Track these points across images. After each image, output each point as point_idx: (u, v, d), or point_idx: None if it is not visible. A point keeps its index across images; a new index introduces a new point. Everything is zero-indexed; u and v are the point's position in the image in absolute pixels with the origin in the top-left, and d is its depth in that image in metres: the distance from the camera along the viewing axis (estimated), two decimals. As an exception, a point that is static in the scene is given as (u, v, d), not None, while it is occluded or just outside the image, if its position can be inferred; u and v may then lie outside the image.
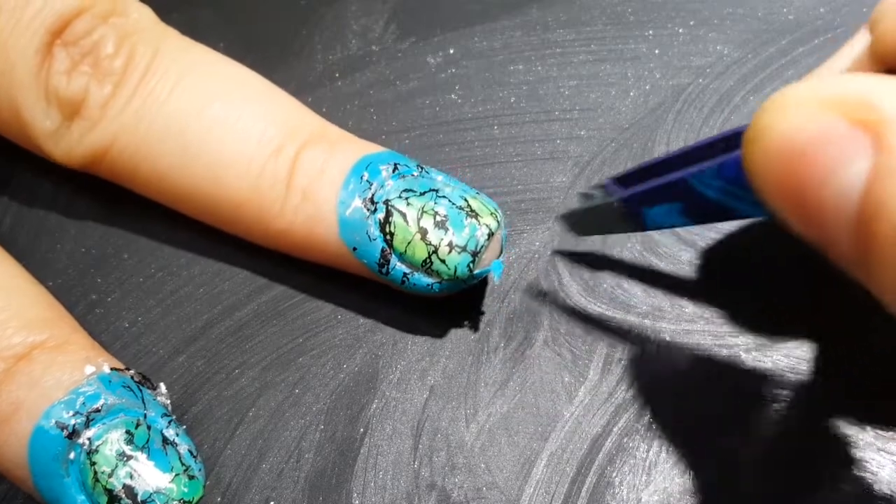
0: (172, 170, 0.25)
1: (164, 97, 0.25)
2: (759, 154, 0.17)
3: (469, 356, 0.26)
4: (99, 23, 0.26)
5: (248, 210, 0.25)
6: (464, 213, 0.24)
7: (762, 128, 0.17)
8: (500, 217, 0.25)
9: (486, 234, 0.24)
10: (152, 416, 0.24)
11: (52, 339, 0.24)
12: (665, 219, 0.22)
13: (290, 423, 0.26)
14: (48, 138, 0.26)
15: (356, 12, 0.32)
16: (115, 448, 0.23)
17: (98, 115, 0.25)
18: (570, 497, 0.24)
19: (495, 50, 0.31)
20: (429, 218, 0.24)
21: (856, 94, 0.16)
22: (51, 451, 0.23)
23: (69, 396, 0.23)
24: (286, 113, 0.26)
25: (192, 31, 0.27)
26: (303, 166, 0.25)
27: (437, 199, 0.24)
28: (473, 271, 0.24)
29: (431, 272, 0.24)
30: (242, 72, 0.27)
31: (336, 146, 0.26)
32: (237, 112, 0.25)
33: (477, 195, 0.25)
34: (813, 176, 0.16)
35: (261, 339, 0.27)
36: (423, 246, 0.24)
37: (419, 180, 0.25)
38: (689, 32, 0.30)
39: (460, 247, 0.24)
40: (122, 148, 0.25)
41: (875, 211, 0.15)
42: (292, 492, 0.25)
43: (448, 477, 0.25)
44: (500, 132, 0.30)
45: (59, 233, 0.29)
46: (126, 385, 0.24)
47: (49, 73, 0.25)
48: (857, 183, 0.16)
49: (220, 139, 0.25)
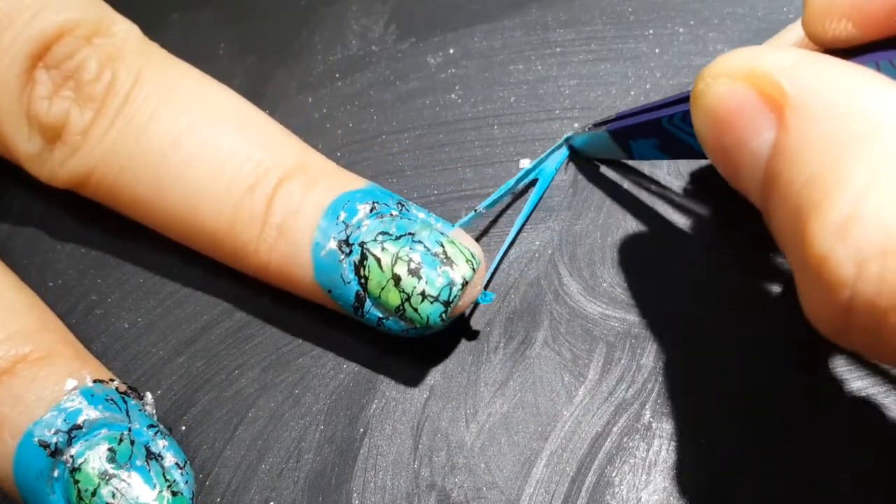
0: (150, 200, 0.25)
1: (142, 126, 0.25)
2: (697, 113, 0.19)
3: (469, 356, 0.26)
4: (82, 45, 0.25)
5: (225, 245, 0.25)
6: (438, 260, 0.24)
7: (699, 91, 0.19)
8: (476, 263, 0.24)
9: (460, 284, 0.24)
10: (137, 428, 0.24)
11: (35, 350, 0.24)
12: (647, 152, 0.26)
13: (290, 423, 0.26)
14: (32, 161, 0.26)
15: (356, 12, 0.32)
16: (98, 466, 0.23)
17: (79, 143, 0.25)
18: (570, 497, 0.24)
19: (495, 50, 0.31)
20: (403, 264, 0.24)
21: (768, 69, 0.18)
22: (34, 469, 0.23)
23: (50, 413, 0.23)
24: (265, 143, 0.25)
25: (192, 31, 0.27)
26: (279, 203, 0.25)
27: (412, 245, 0.24)
28: (446, 321, 0.24)
29: (405, 318, 0.24)
30: (224, 97, 0.26)
31: (314, 181, 0.25)
32: (214, 143, 0.25)
33: (453, 242, 0.24)
34: (734, 139, 0.18)
35: (260, 339, 0.27)
36: (396, 293, 0.24)
37: (397, 221, 0.24)
38: (689, 32, 0.30)
39: (433, 296, 0.24)
40: (102, 176, 0.25)
41: (772, 181, 0.17)
42: (292, 492, 0.25)
43: (448, 477, 0.25)
44: (500, 132, 0.30)
45: (59, 234, 0.29)
46: (109, 398, 0.24)
47: (31, 97, 0.25)
48: (764, 151, 0.18)
49: (196, 172, 0.25)
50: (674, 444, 0.25)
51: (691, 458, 0.24)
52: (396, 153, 0.29)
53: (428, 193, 0.29)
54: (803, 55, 0.18)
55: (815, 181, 0.16)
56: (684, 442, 0.25)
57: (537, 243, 0.28)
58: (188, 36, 0.27)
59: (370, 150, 0.30)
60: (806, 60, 0.18)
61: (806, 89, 0.17)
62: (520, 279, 0.27)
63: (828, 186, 0.16)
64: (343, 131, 0.30)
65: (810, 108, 0.17)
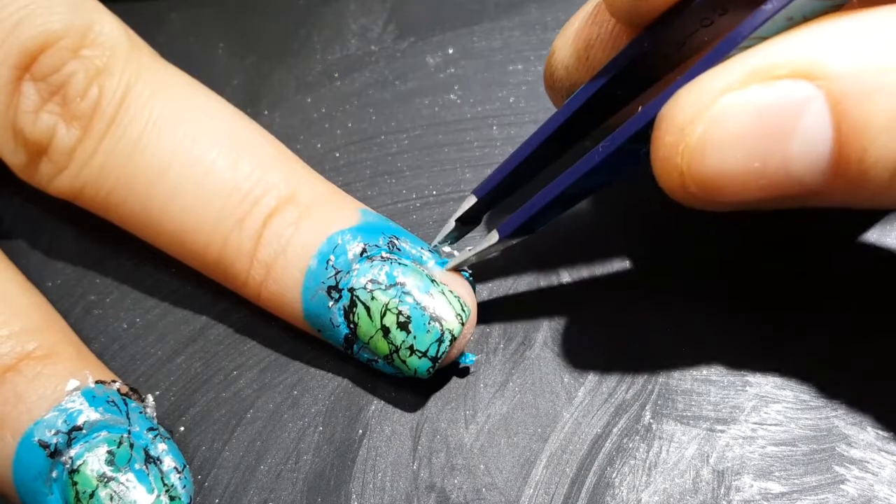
0: (139, 224, 0.25)
1: (129, 149, 0.25)
2: (709, 142, 0.19)
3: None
4: (68, 57, 0.25)
5: (216, 272, 0.25)
6: (427, 315, 0.24)
7: (690, 123, 0.19)
8: (465, 316, 0.24)
9: (448, 341, 0.24)
10: (137, 431, 0.24)
11: (39, 348, 0.24)
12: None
13: (289, 424, 0.26)
14: (21, 171, 0.26)
15: (355, 12, 0.32)
16: (96, 468, 0.22)
17: (65, 162, 0.25)
18: (570, 498, 0.24)
19: (494, 50, 0.31)
20: (392, 316, 0.24)
21: (795, 57, 0.18)
22: (33, 470, 0.22)
23: (51, 414, 0.23)
24: (257, 169, 0.25)
25: (192, 31, 0.27)
26: (268, 240, 0.24)
27: (401, 297, 0.24)
28: (433, 373, 0.24)
29: (393, 366, 0.24)
30: (214, 112, 0.26)
31: (304, 214, 0.25)
32: (203, 171, 0.24)
33: (443, 292, 0.24)
34: (773, 138, 0.18)
35: (259, 340, 0.27)
36: (385, 343, 0.24)
37: (387, 268, 0.24)
38: (689, 32, 0.30)
39: (420, 352, 0.24)
40: (91, 195, 0.25)
41: (859, 135, 0.18)
42: (290, 493, 0.25)
43: (447, 478, 0.25)
44: (500, 132, 0.29)
45: (58, 233, 0.29)
46: (111, 400, 0.24)
47: (17, 110, 0.25)
48: (821, 126, 0.18)
49: (185, 203, 0.25)
50: (674, 446, 0.24)
51: (691, 459, 0.24)
52: (395, 153, 0.29)
53: (427, 194, 0.29)
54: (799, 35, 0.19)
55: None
56: (684, 443, 0.24)
57: (537, 243, 0.28)
58: (187, 36, 0.27)
59: (369, 149, 0.29)
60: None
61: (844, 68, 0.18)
62: (519, 280, 0.27)
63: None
64: (342, 131, 0.30)
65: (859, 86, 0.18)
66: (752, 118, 0.18)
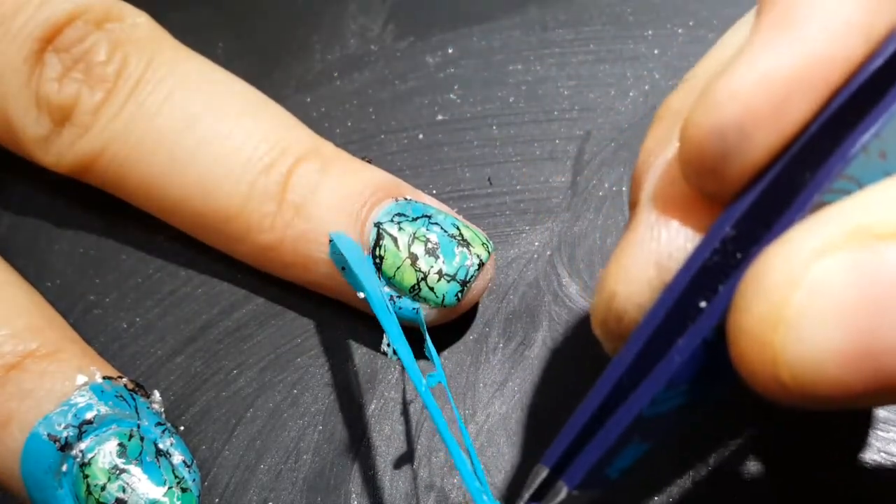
0: (162, 181, 0.25)
1: (155, 109, 0.25)
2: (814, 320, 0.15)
3: (468, 357, 0.26)
4: (92, 29, 0.25)
5: (237, 224, 0.25)
6: (455, 241, 0.24)
7: (779, 297, 0.15)
8: (490, 248, 0.25)
9: (477, 264, 0.24)
10: (146, 425, 0.24)
11: (43, 346, 0.24)
12: (628, 461, 0.18)
13: (289, 423, 0.26)
14: (39, 145, 0.26)
15: (355, 12, 0.32)
16: (108, 461, 0.23)
17: (89, 122, 0.25)
18: (570, 498, 0.24)
19: (494, 50, 0.31)
20: (420, 244, 0.24)
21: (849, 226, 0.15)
22: (43, 464, 0.22)
23: (61, 408, 0.23)
24: (279, 128, 0.26)
25: (191, 31, 0.27)
26: (296, 183, 0.25)
27: (429, 226, 0.24)
28: (461, 300, 0.24)
29: (419, 298, 0.24)
30: (236, 84, 0.27)
31: (329, 165, 0.25)
32: (229, 127, 0.25)
33: (468, 226, 0.25)
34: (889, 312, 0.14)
35: (259, 339, 0.27)
36: (412, 272, 0.24)
37: (412, 204, 0.25)
38: (689, 33, 0.30)
39: (450, 275, 0.24)
40: (111, 157, 0.25)
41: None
42: (290, 493, 0.25)
43: (447, 477, 0.25)
44: (499, 132, 0.30)
45: (57, 233, 0.29)
46: (119, 394, 0.24)
47: (40, 79, 0.25)
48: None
49: (211, 154, 0.25)
50: (674, 444, 0.25)
51: (691, 459, 0.24)
52: (395, 153, 0.29)
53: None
54: None
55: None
56: (684, 442, 0.25)
57: (536, 244, 0.28)
58: (187, 35, 0.27)
59: (368, 149, 0.29)
60: None
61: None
62: (518, 280, 0.27)
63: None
64: (341, 130, 0.30)
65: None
66: (861, 285, 0.14)
